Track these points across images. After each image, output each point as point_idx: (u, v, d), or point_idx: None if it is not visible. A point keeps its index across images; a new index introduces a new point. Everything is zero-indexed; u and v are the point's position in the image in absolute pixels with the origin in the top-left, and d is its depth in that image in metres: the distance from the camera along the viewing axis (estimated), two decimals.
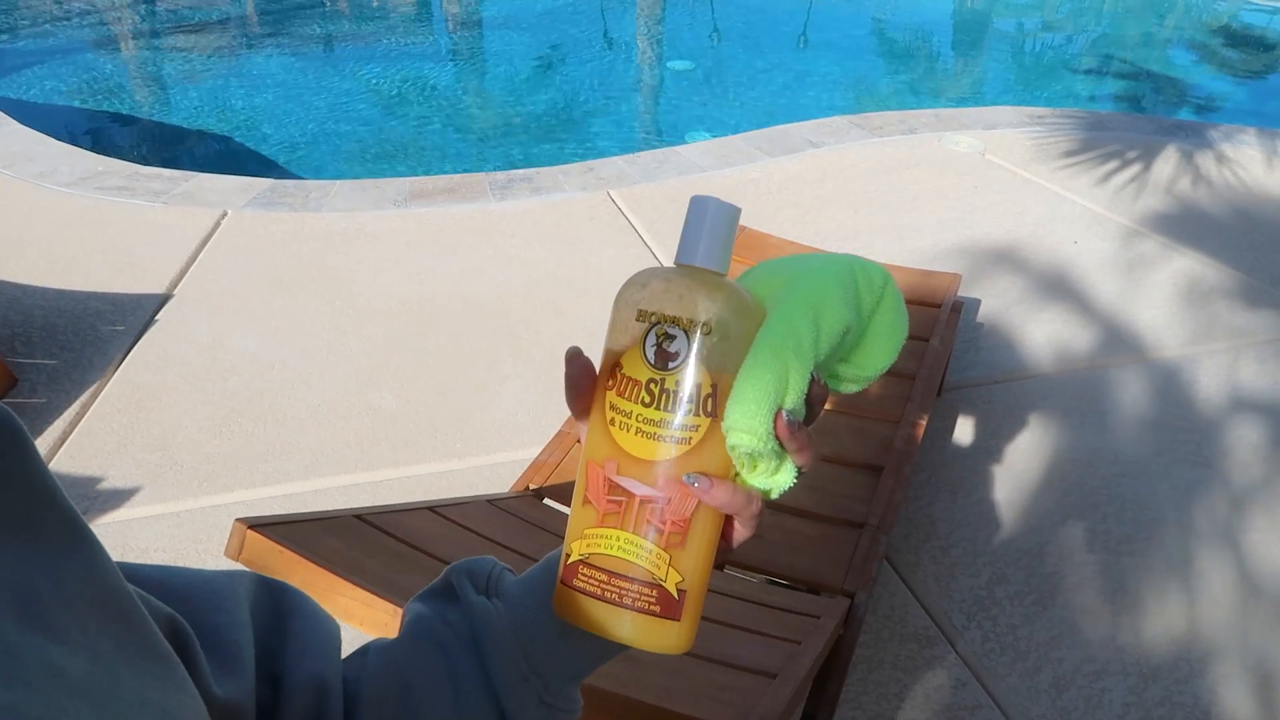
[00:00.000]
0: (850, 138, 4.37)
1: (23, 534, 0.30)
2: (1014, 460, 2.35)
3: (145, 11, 7.43)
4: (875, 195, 3.80)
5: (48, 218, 3.41)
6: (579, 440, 0.51)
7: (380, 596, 1.05)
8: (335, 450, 2.31)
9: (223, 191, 3.67)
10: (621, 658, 0.52)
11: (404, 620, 0.54)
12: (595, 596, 0.46)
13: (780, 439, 0.44)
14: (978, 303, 3.03)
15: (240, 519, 1.14)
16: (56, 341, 2.64)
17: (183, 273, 3.06)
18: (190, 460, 2.25)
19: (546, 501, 1.78)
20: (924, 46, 7.41)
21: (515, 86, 6.13)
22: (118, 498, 2.13)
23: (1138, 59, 7.24)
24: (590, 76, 6.29)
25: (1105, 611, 1.93)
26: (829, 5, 8.11)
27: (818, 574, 1.66)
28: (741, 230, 2.64)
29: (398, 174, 4.19)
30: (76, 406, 2.40)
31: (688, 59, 6.70)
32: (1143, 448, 2.40)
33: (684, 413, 0.44)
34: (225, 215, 3.47)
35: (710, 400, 0.44)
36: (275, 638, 0.47)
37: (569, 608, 0.47)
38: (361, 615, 1.05)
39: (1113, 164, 4.16)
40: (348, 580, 1.07)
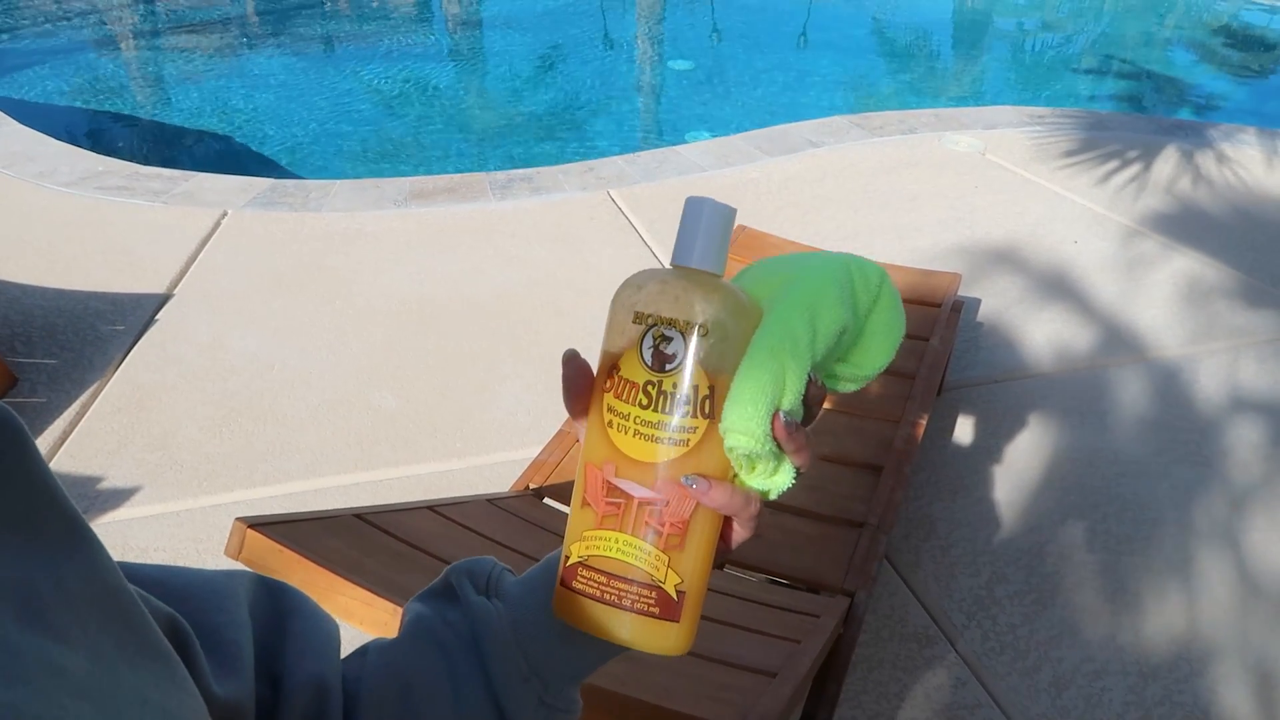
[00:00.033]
0: (850, 137, 4.37)
1: (23, 533, 0.30)
2: (1014, 460, 2.35)
3: (145, 11, 7.43)
4: (875, 195, 3.80)
5: (48, 218, 3.41)
6: (579, 440, 0.51)
7: (380, 596, 1.05)
8: (335, 450, 2.31)
9: (223, 191, 3.67)
10: (621, 656, 0.52)
11: (404, 620, 0.54)
12: (594, 598, 0.46)
13: (778, 440, 0.44)
14: (978, 302, 3.03)
15: (240, 518, 1.14)
16: (56, 341, 2.64)
17: (183, 273, 3.06)
18: (190, 460, 2.25)
19: (546, 501, 1.78)
20: (924, 46, 7.41)
21: (515, 86, 6.13)
22: (118, 497, 2.13)
23: (1138, 58, 7.24)
24: (590, 76, 6.28)
25: (1105, 611, 1.93)
26: (829, 5, 8.10)
27: (817, 573, 1.66)
28: (741, 230, 2.63)
29: (398, 174, 4.19)
30: (76, 406, 2.40)
31: (687, 59, 6.70)
32: (1143, 447, 2.40)
33: (681, 414, 0.44)
34: (225, 215, 3.47)
35: (708, 402, 0.44)
36: (275, 637, 0.47)
37: (568, 609, 0.47)
38: (361, 614, 1.05)
39: (1113, 164, 4.16)
40: (347, 579, 1.08)
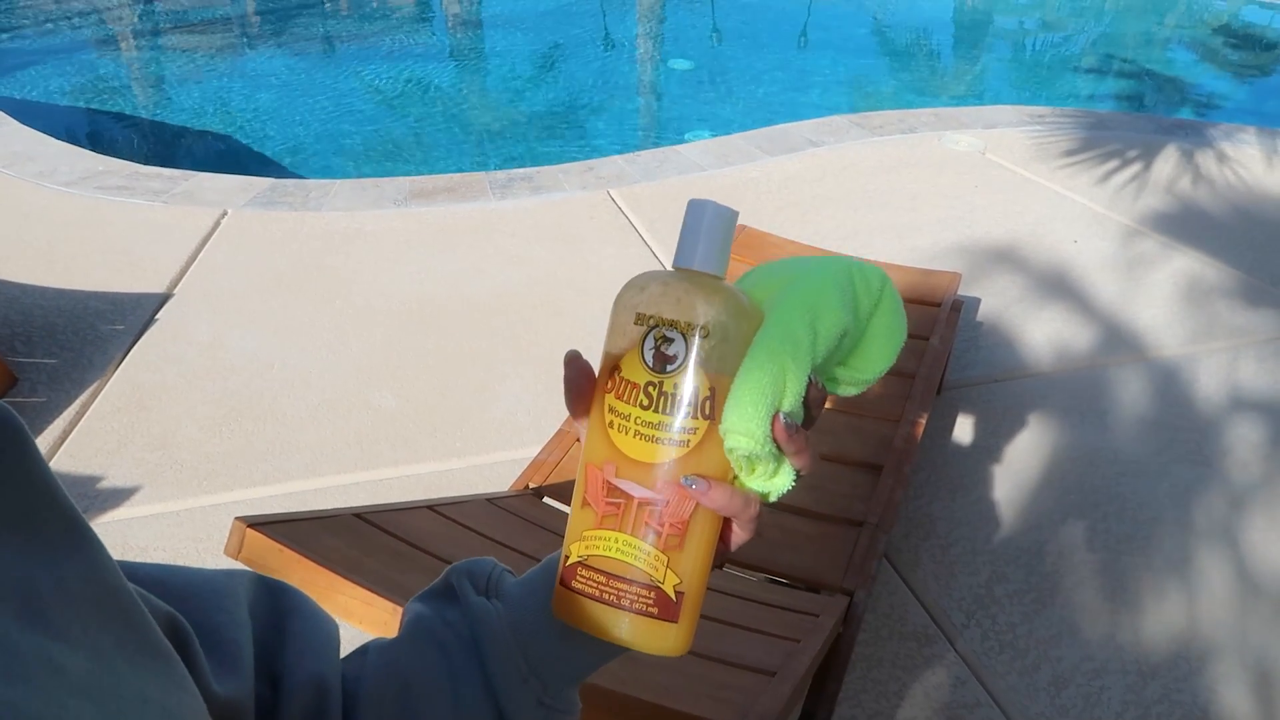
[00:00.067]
0: (850, 137, 4.37)
1: (23, 532, 0.30)
2: (1013, 459, 2.35)
3: (145, 11, 7.43)
4: (875, 194, 3.80)
5: (48, 217, 3.41)
6: (579, 439, 0.51)
7: (380, 595, 1.06)
8: (335, 449, 2.31)
9: (222, 191, 3.67)
10: (621, 656, 0.52)
11: (404, 620, 0.54)
12: (593, 598, 0.46)
13: (778, 441, 0.44)
14: (977, 301, 3.03)
15: (240, 518, 1.14)
16: (56, 341, 2.64)
17: (183, 272, 3.06)
18: (190, 459, 2.25)
19: (546, 500, 1.78)
20: (924, 45, 7.41)
21: (515, 85, 6.13)
22: (117, 497, 2.13)
23: (1138, 58, 7.24)
24: (590, 75, 6.28)
25: (1104, 610, 1.93)
26: (829, 4, 8.10)
27: (817, 572, 1.66)
28: (741, 229, 2.64)
29: (398, 173, 4.19)
30: (76, 406, 2.40)
31: (688, 58, 6.70)
32: (1142, 446, 2.40)
33: (682, 415, 0.44)
34: (225, 214, 3.47)
35: (708, 403, 0.44)
36: (275, 637, 0.47)
37: (567, 609, 0.47)
38: (361, 614, 1.05)
39: (1113, 163, 4.16)
40: (347, 579, 1.08)
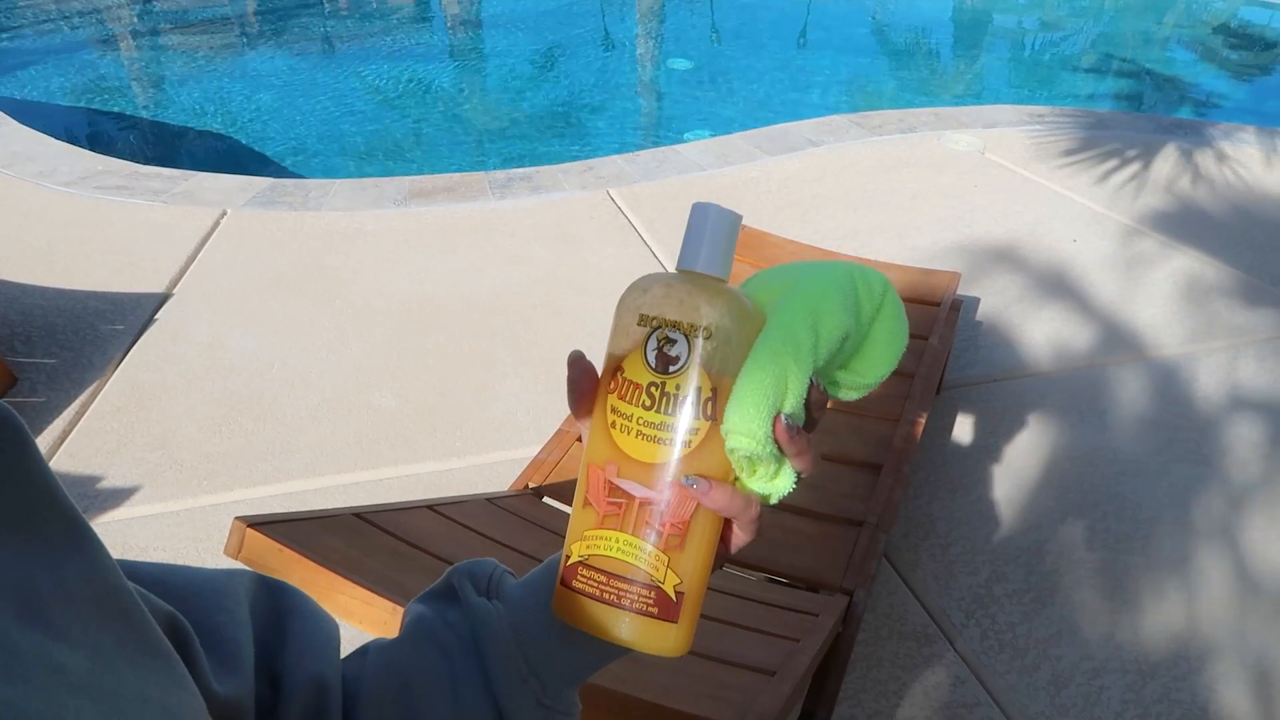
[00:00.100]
0: (850, 136, 4.37)
1: (23, 532, 0.30)
2: (1013, 458, 2.35)
3: (145, 11, 7.43)
4: (875, 194, 3.80)
5: (47, 217, 3.41)
6: (579, 438, 0.51)
7: (380, 595, 1.06)
8: (335, 449, 2.31)
9: (222, 190, 3.67)
10: (621, 656, 0.52)
11: (404, 621, 0.54)
12: (594, 598, 0.46)
13: (779, 443, 0.44)
14: (977, 301, 3.03)
15: (240, 517, 1.14)
16: (56, 341, 2.64)
17: (182, 272, 3.06)
18: (190, 459, 2.25)
19: (546, 500, 1.78)
20: (923, 45, 7.41)
21: (515, 85, 6.13)
22: (117, 496, 2.13)
23: (1137, 57, 7.24)
24: (590, 75, 6.28)
25: (1104, 609, 1.93)
26: (829, 4, 8.10)
27: (817, 572, 1.66)
28: (741, 229, 2.63)
29: (398, 173, 4.19)
30: (76, 405, 2.40)
31: (687, 58, 6.70)
32: (1142, 446, 2.41)
33: (684, 416, 0.45)
34: (225, 214, 3.47)
35: (710, 404, 0.45)
36: (275, 637, 0.47)
37: (568, 608, 0.47)
38: (361, 614, 1.05)
39: (1112, 162, 4.17)
40: (347, 579, 1.08)
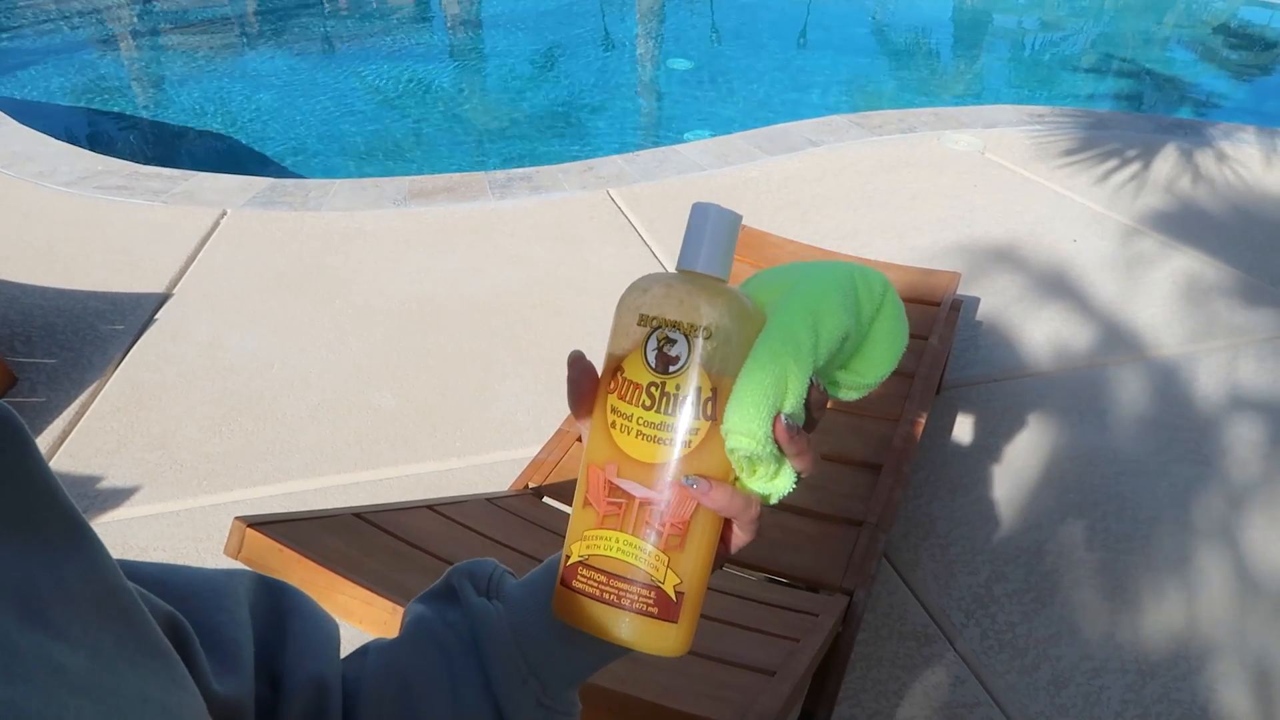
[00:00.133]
0: (850, 136, 4.37)
1: (23, 532, 0.30)
2: (1013, 458, 2.36)
3: (145, 11, 7.43)
4: (875, 194, 3.80)
5: (47, 217, 3.41)
6: (579, 438, 0.51)
7: (379, 595, 1.06)
8: (335, 449, 2.31)
9: (222, 190, 3.67)
10: (621, 656, 0.52)
11: (404, 621, 0.54)
12: (594, 598, 0.46)
13: (779, 442, 0.44)
14: (977, 301, 3.03)
15: (240, 517, 1.14)
16: (56, 341, 2.64)
17: (182, 272, 3.06)
18: (190, 459, 2.25)
19: (546, 500, 1.78)
20: (923, 45, 7.41)
21: (515, 85, 6.13)
22: (117, 496, 2.13)
23: (1137, 57, 7.24)
24: (590, 75, 6.28)
25: (1104, 609, 1.93)
26: (829, 4, 8.10)
27: (817, 572, 1.66)
28: (741, 229, 2.63)
29: (397, 173, 4.19)
30: (76, 405, 2.40)
31: (687, 58, 6.70)
32: (1142, 446, 2.41)
33: (684, 416, 0.45)
34: (225, 214, 3.47)
35: (710, 404, 0.45)
36: (275, 637, 0.47)
37: (568, 608, 0.47)
38: (361, 614, 1.05)
39: (1112, 162, 4.17)
40: (347, 579, 1.08)
